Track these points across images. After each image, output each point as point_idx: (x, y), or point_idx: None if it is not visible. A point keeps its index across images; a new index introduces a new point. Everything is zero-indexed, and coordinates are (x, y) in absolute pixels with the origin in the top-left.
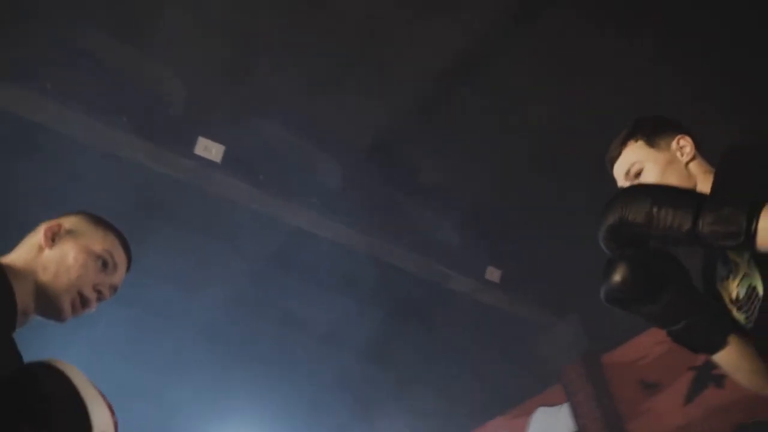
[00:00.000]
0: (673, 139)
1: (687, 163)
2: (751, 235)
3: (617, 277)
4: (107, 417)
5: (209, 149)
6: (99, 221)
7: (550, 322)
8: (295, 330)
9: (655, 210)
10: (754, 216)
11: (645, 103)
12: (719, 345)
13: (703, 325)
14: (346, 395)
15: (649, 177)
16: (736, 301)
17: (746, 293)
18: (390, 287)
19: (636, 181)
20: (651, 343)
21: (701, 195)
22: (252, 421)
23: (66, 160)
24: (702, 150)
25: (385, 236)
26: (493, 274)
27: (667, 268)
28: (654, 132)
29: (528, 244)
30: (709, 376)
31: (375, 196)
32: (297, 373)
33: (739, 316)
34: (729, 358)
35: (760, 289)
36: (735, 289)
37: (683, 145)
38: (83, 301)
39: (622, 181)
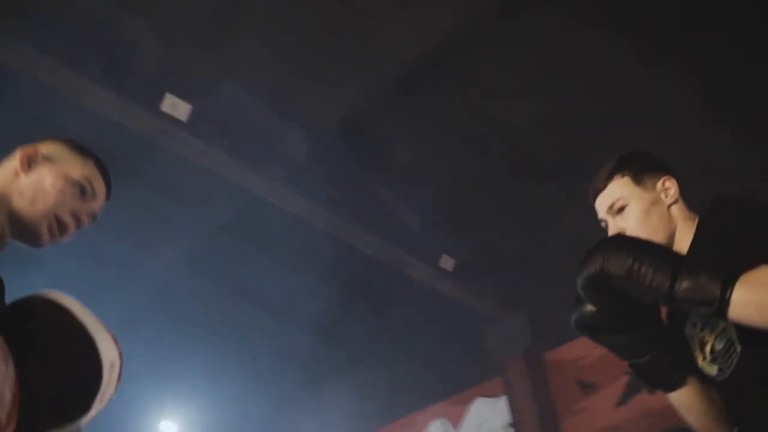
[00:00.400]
0: (659, 179)
1: (669, 206)
2: (725, 305)
3: (588, 308)
4: (113, 348)
5: (176, 107)
6: (78, 147)
7: (498, 315)
8: (248, 299)
9: (635, 267)
10: (729, 286)
11: (621, 102)
12: (678, 384)
13: (665, 362)
14: (293, 368)
15: (632, 215)
16: (712, 352)
17: (725, 346)
18: (346, 266)
19: (618, 217)
20: (591, 346)
21: (680, 257)
22: (195, 383)
23: (29, 102)
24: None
25: (346, 214)
26: (447, 262)
27: (637, 303)
28: (642, 170)
29: (485, 237)
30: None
31: (340, 173)
32: (246, 341)
33: (711, 367)
34: (685, 398)
35: (738, 345)
36: (711, 341)
37: (668, 187)
38: (61, 227)
39: (603, 214)
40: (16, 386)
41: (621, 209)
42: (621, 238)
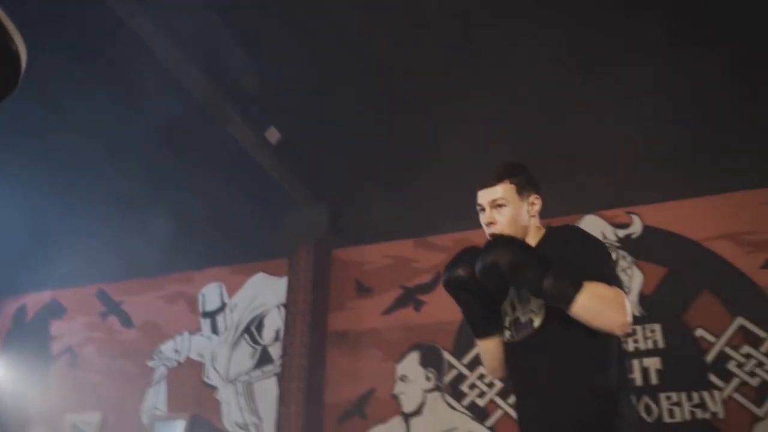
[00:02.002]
0: (531, 195)
1: (531, 216)
2: (572, 303)
3: (462, 272)
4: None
5: None
6: None
7: (302, 200)
8: (57, 117)
9: (518, 263)
10: (577, 292)
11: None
12: (486, 336)
13: (485, 320)
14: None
15: (506, 214)
16: (513, 324)
17: (524, 322)
18: (171, 107)
19: (495, 210)
20: (379, 255)
21: (550, 262)
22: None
23: None
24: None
25: (184, 51)
26: (273, 135)
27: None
28: (524, 184)
29: (318, 125)
30: (412, 299)
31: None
32: (59, 159)
33: (505, 331)
34: (487, 345)
35: (536, 324)
36: (514, 317)
37: (535, 203)
38: None
39: (484, 203)
40: None
41: (500, 206)
42: (510, 241)
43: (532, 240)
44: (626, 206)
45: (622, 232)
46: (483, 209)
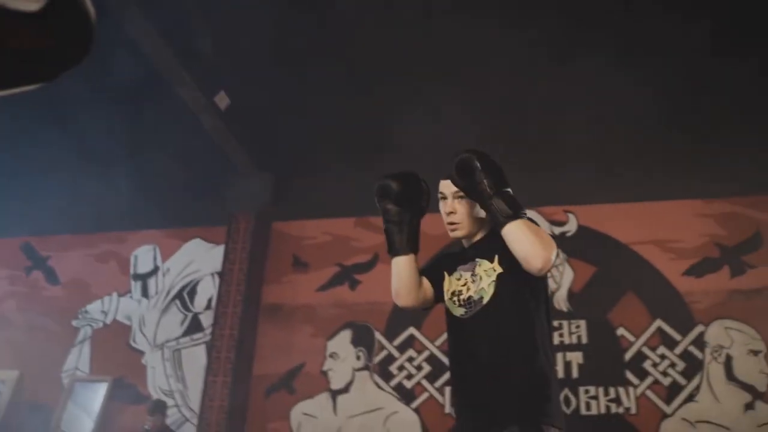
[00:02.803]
0: None
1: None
2: (509, 221)
3: (395, 184)
4: None
5: None
6: None
7: (246, 170)
8: None
9: (488, 169)
10: (518, 217)
11: None
12: (404, 253)
13: (408, 237)
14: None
15: (467, 205)
16: (466, 301)
17: (476, 299)
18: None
19: (456, 201)
20: (319, 231)
21: (508, 189)
22: None
23: None
24: None
25: (141, 9)
26: (222, 100)
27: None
28: None
29: (271, 93)
30: (348, 277)
31: None
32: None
33: (457, 309)
34: (402, 265)
35: (485, 300)
36: (461, 287)
37: None
38: None
39: (447, 192)
40: None
41: (461, 197)
42: (484, 155)
43: (482, 232)
44: (565, 205)
45: (558, 230)
46: (445, 198)
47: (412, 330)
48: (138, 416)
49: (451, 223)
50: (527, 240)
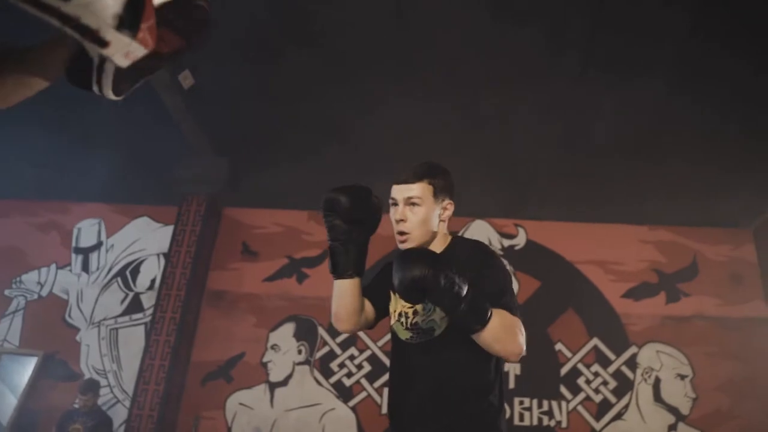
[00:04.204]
0: (446, 200)
1: (441, 221)
2: (478, 333)
3: (344, 199)
4: None
5: None
6: None
7: (202, 152)
8: None
9: (440, 287)
10: (486, 323)
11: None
12: (347, 276)
13: (353, 259)
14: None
15: (419, 214)
16: (412, 326)
17: (425, 327)
18: None
19: (408, 208)
20: (271, 221)
21: (467, 287)
22: None
23: None
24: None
25: None
26: (186, 79)
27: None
28: (442, 187)
29: (234, 78)
30: (296, 270)
31: None
32: None
33: (404, 333)
34: (344, 288)
35: (437, 333)
36: (415, 318)
37: (447, 208)
38: None
39: (399, 198)
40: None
41: (414, 204)
42: (438, 258)
43: (438, 246)
44: (516, 218)
45: (507, 242)
46: (396, 204)
47: None
48: (68, 394)
49: (401, 233)
50: (500, 344)
